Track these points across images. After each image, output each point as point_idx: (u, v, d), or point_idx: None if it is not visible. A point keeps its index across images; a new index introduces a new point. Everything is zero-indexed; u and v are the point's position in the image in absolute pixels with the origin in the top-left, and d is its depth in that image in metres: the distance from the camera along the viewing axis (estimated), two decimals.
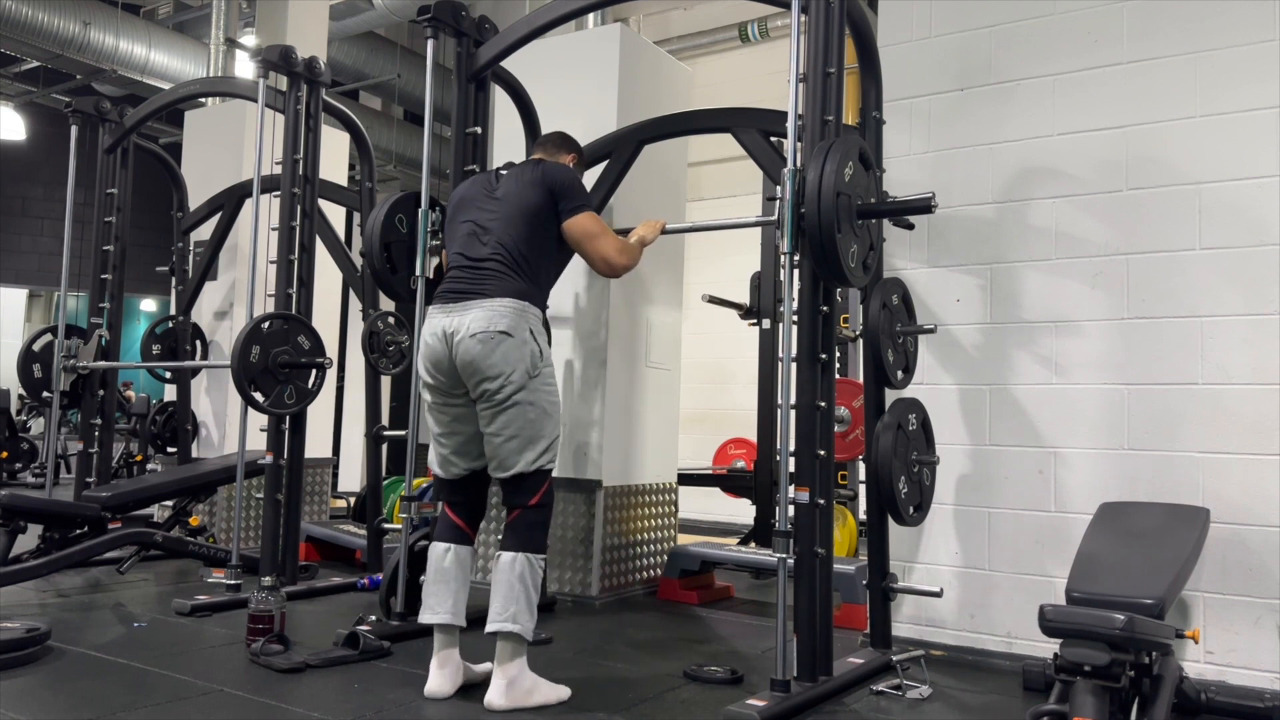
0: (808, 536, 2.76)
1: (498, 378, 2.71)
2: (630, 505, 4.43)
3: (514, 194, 2.90)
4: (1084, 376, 3.23)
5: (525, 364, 2.73)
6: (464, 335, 2.72)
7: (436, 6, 3.53)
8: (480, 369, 2.72)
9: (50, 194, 15.50)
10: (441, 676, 2.75)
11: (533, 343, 2.76)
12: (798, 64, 2.81)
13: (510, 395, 2.72)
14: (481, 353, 2.70)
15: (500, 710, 2.62)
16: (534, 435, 2.77)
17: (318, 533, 5.13)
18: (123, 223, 5.23)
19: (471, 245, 2.88)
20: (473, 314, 2.73)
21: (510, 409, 2.73)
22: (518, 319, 2.74)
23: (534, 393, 2.75)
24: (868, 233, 2.84)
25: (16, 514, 4.10)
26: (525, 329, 2.75)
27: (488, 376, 2.72)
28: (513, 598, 2.67)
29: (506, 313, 2.73)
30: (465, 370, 2.75)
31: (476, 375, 2.74)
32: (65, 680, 2.85)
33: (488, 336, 2.70)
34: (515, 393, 2.72)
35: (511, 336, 2.71)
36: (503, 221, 2.87)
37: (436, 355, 2.80)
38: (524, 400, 2.73)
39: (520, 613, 2.67)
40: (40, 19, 7.77)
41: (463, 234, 2.93)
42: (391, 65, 9.37)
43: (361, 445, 6.94)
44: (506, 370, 2.71)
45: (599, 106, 4.36)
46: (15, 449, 9.05)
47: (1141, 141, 3.19)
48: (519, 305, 2.76)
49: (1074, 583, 2.47)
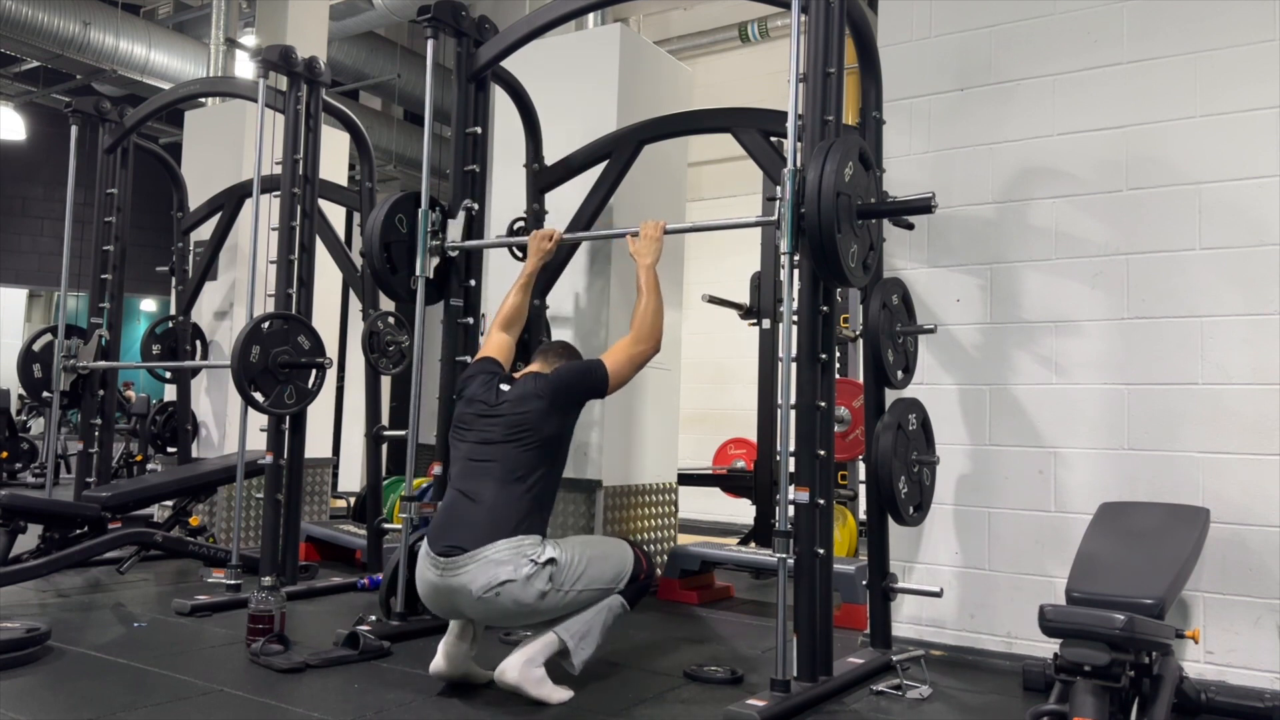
0: (808, 536, 2.76)
1: (528, 614, 2.70)
2: (630, 505, 4.43)
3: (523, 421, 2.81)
4: (1084, 376, 3.23)
5: (539, 590, 2.66)
6: (469, 599, 2.66)
7: (436, 6, 3.52)
8: (501, 617, 2.73)
9: (50, 194, 15.49)
10: (449, 658, 2.79)
11: (537, 571, 2.65)
12: (798, 64, 2.81)
13: (551, 609, 2.71)
14: (496, 611, 2.68)
15: (509, 682, 2.66)
16: (599, 589, 2.77)
17: (318, 533, 5.13)
18: (123, 223, 5.23)
19: (467, 474, 2.82)
20: (469, 573, 2.65)
21: (565, 609, 2.73)
22: (514, 560, 2.64)
23: (563, 586, 2.69)
24: (868, 233, 2.84)
25: (16, 514, 4.10)
26: (525, 566, 2.64)
27: (518, 616, 2.72)
28: (590, 624, 2.74)
29: (503, 559, 2.64)
30: (484, 618, 2.76)
31: (502, 619, 2.78)
32: (65, 680, 2.85)
33: (493, 594, 2.63)
34: (550, 607, 2.70)
35: (514, 581, 2.63)
36: (505, 447, 2.80)
37: (440, 605, 2.77)
38: (562, 601, 2.71)
39: (588, 640, 2.74)
40: (40, 19, 7.77)
41: (461, 461, 2.88)
42: (391, 65, 9.36)
43: (361, 445, 6.94)
44: (527, 608, 2.67)
45: (599, 106, 4.36)
46: (15, 449, 9.05)
47: (1141, 141, 3.19)
48: (512, 544, 2.66)
49: (1074, 583, 2.47)
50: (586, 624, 2.75)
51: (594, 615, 2.76)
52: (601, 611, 2.77)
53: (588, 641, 2.75)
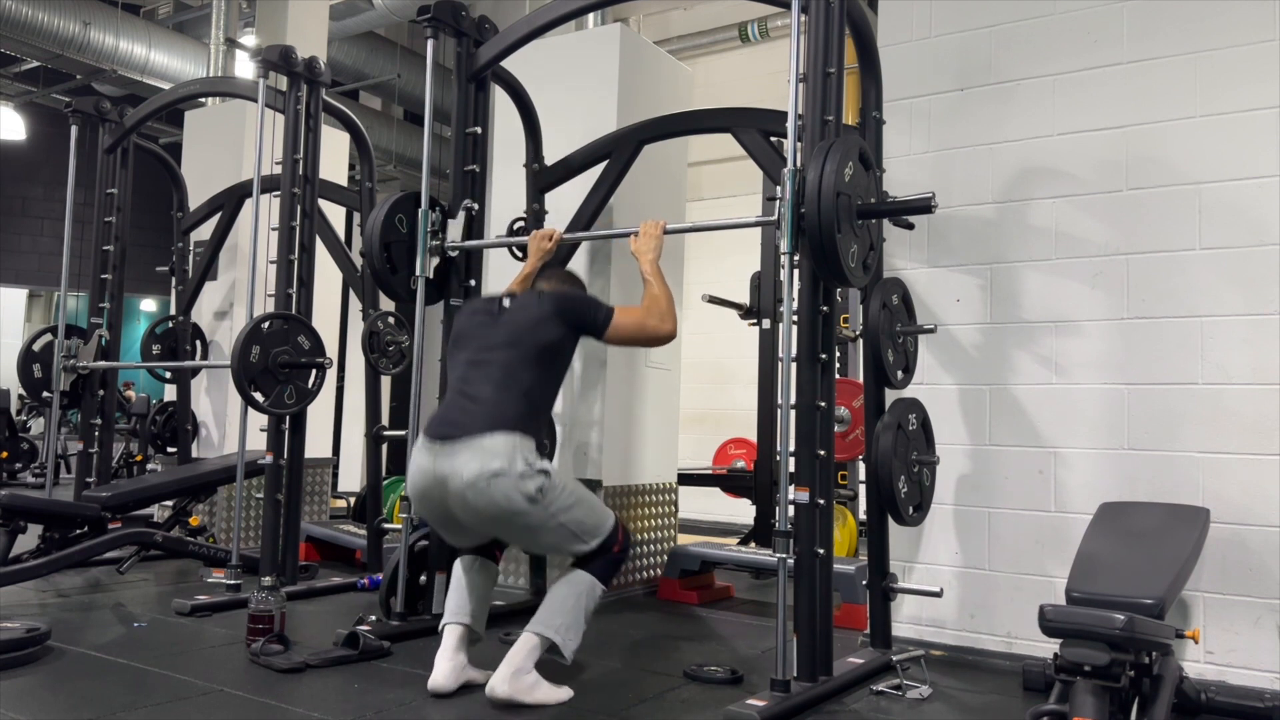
0: (808, 536, 2.76)
1: (505, 513, 2.64)
2: (630, 505, 4.43)
3: (523, 327, 2.83)
4: (1084, 376, 3.23)
5: (528, 494, 2.62)
6: (458, 484, 2.62)
7: (436, 6, 3.52)
8: (483, 512, 2.65)
9: (50, 194, 15.50)
10: (445, 671, 2.76)
11: (531, 473, 2.63)
12: (798, 64, 2.81)
13: (526, 524, 2.67)
14: (481, 500, 2.62)
15: (500, 698, 2.62)
16: (574, 532, 2.74)
17: (318, 533, 5.13)
18: (123, 223, 5.23)
19: (467, 377, 2.82)
20: (462, 457, 2.62)
21: (534, 532, 2.71)
22: (510, 455, 2.62)
23: (549, 507, 2.67)
24: (868, 233, 2.84)
25: (16, 514, 4.10)
26: (520, 462, 2.62)
27: (495, 515, 2.66)
28: (566, 610, 2.70)
29: (498, 450, 2.62)
30: (466, 514, 2.69)
31: (481, 517, 2.69)
32: (65, 680, 2.85)
33: (484, 483, 2.60)
34: (529, 519, 2.66)
35: (506, 475, 2.60)
36: (506, 351, 2.81)
37: (427, 496, 2.73)
38: (544, 524, 2.68)
39: (567, 627, 2.70)
40: (40, 19, 7.77)
41: (460, 366, 2.87)
42: (391, 65, 9.36)
43: (361, 445, 6.94)
44: (511, 506, 2.62)
45: (599, 106, 4.36)
46: (15, 449, 9.06)
47: (1141, 141, 3.19)
48: (510, 438, 2.64)
49: (1074, 583, 2.47)
50: (570, 614, 2.71)
51: (575, 604, 2.72)
52: (580, 598, 2.73)
53: (573, 631, 2.71)
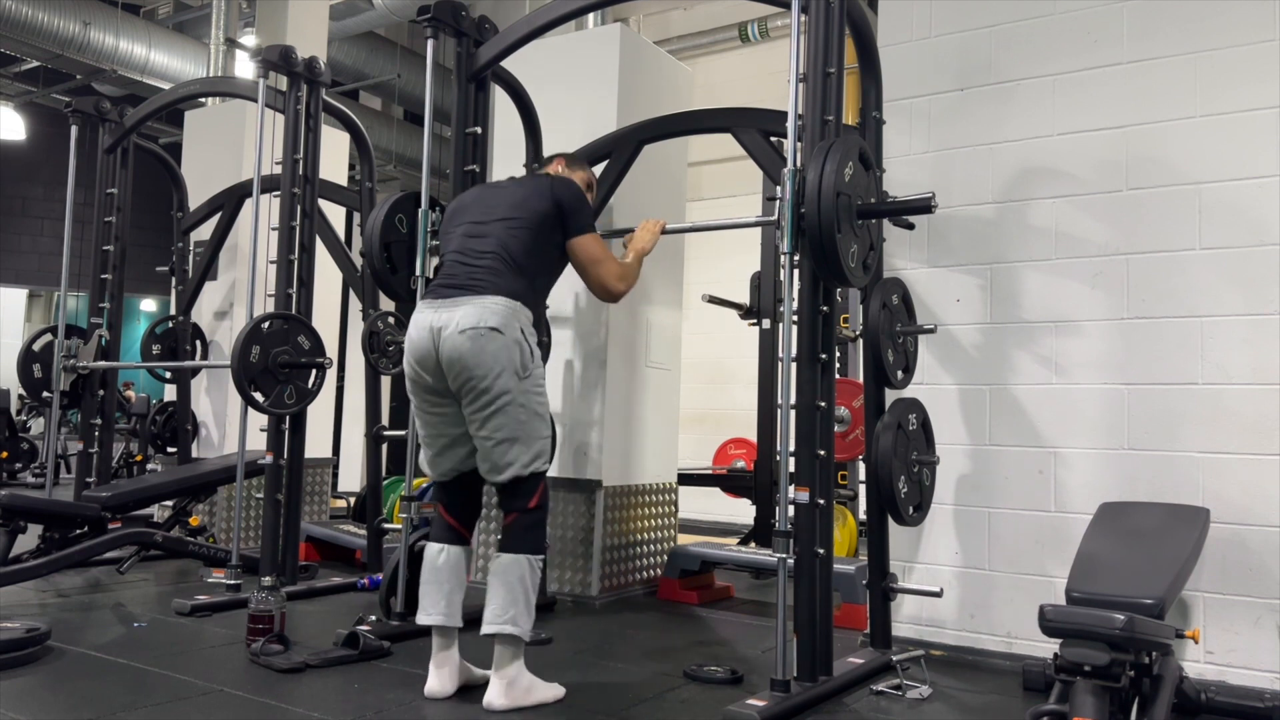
0: (808, 536, 2.76)
1: (485, 376, 2.64)
2: (630, 505, 4.43)
3: (520, 198, 2.88)
4: (1084, 376, 3.23)
5: (515, 363, 2.65)
6: (452, 330, 2.64)
7: (436, 6, 3.52)
8: (468, 366, 2.64)
9: (50, 194, 15.50)
10: (440, 676, 2.74)
11: (524, 341, 2.69)
12: (798, 64, 2.81)
13: (499, 395, 2.65)
14: (470, 350, 2.63)
15: (500, 710, 2.61)
16: (525, 436, 2.71)
17: (318, 533, 5.13)
18: (123, 223, 5.23)
19: (468, 241, 2.85)
20: (463, 310, 2.66)
21: (499, 410, 2.67)
22: (509, 316, 2.67)
23: (524, 394, 2.69)
24: (868, 233, 2.84)
25: (16, 514, 4.10)
26: (516, 327, 2.68)
27: (475, 375, 2.64)
28: (511, 600, 2.65)
29: (498, 309, 2.67)
30: (452, 368, 2.67)
31: (464, 373, 2.66)
32: (65, 680, 2.85)
33: (477, 333, 2.62)
34: (504, 393, 2.65)
35: (502, 334, 2.64)
36: (503, 222, 2.84)
37: (422, 351, 2.72)
38: (513, 401, 2.67)
39: (519, 615, 2.65)
40: (40, 19, 7.77)
41: (460, 233, 2.90)
42: (391, 65, 9.37)
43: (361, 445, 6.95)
44: (495, 369, 2.63)
45: (599, 106, 4.36)
46: (15, 449, 9.05)
47: (1141, 141, 3.19)
48: (511, 304, 2.70)
49: (1074, 583, 2.47)
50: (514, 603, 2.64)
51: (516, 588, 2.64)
52: (522, 580, 2.66)
53: (522, 614, 2.64)
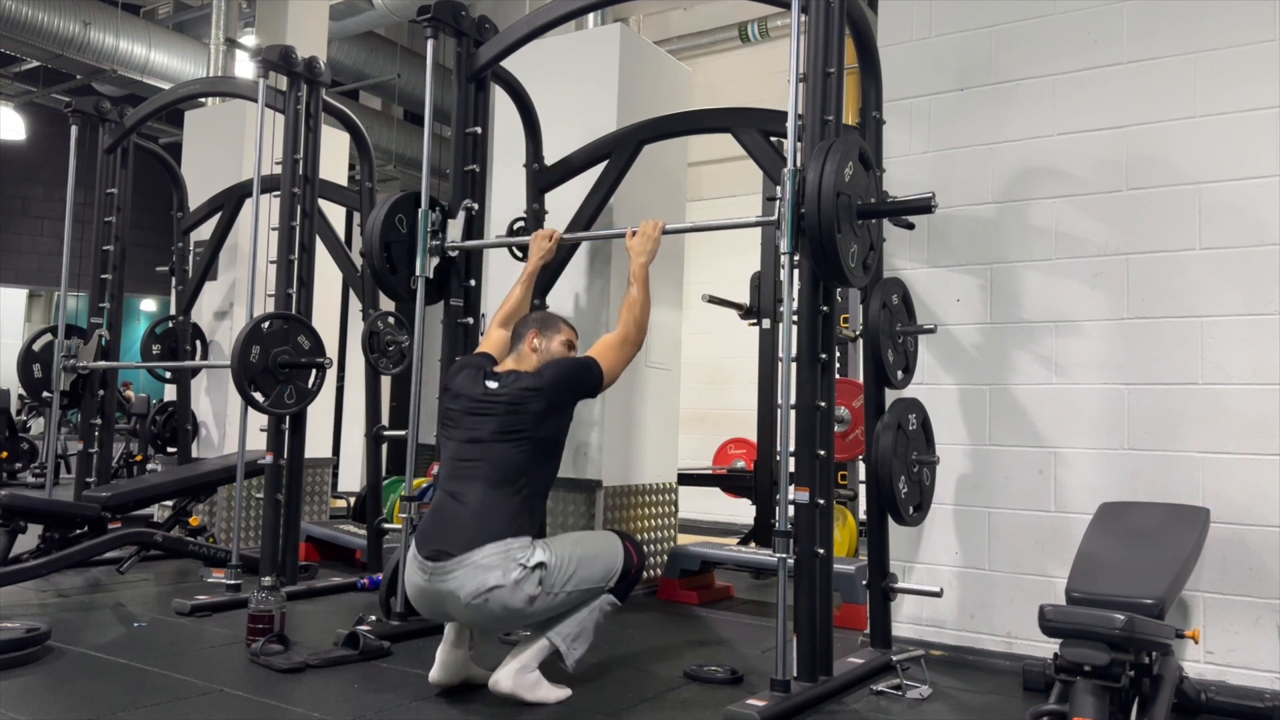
0: (808, 536, 2.76)
1: (517, 618, 2.69)
2: (630, 505, 4.43)
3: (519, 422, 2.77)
4: (1084, 376, 3.23)
5: (528, 595, 2.63)
6: (458, 604, 2.65)
7: (436, 6, 3.52)
8: (491, 620, 2.72)
9: (50, 194, 15.50)
10: (446, 666, 2.77)
11: (526, 576, 2.62)
12: (798, 64, 2.81)
13: (541, 613, 2.70)
14: (485, 613, 2.65)
15: (503, 692, 2.65)
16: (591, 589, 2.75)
17: (318, 533, 5.13)
18: (123, 223, 5.23)
19: (457, 475, 2.78)
20: (456, 579, 2.62)
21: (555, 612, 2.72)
22: (504, 564, 2.61)
23: (553, 589, 2.67)
24: (868, 233, 2.84)
25: (16, 514, 4.10)
26: (514, 569, 2.61)
27: (505, 621, 2.74)
28: (578, 621, 2.74)
29: (490, 563, 2.61)
30: (475, 622, 2.76)
31: (492, 623, 2.80)
32: (65, 680, 2.85)
33: (481, 600, 2.61)
34: (541, 610, 2.68)
35: (502, 586, 2.60)
36: (497, 445, 2.76)
37: (430, 609, 2.76)
38: (554, 604, 2.69)
39: (580, 640, 2.75)
40: (40, 19, 7.77)
41: (449, 462, 2.84)
42: (391, 65, 9.36)
43: (361, 445, 6.94)
44: (514, 612, 2.65)
45: (599, 107, 4.36)
46: (15, 449, 9.05)
47: (1141, 141, 3.18)
48: (501, 548, 2.62)
49: (1074, 583, 2.47)
50: (578, 625, 2.74)
51: (585, 615, 2.76)
52: (593, 611, 2.77)
53: (580, 642, 2.75)
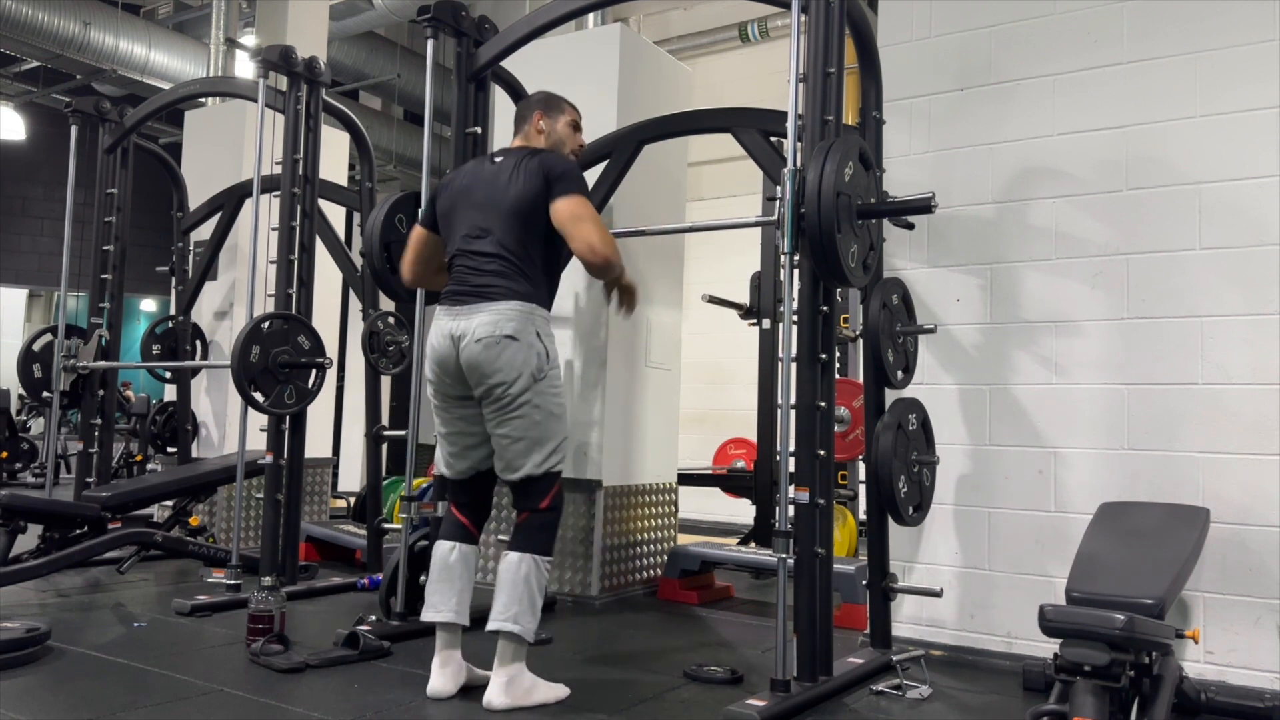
0: (808, 536, 2.76)
1: (503, 382, 2.71)
2: (630, 505, 4.43)
3: (513, 191, 2.84)
4: (1084, 376, 3.23)
5: (531, 367, 2.72)
6: (470, 340, 2.72)
7: (436, 6, 3.52)
8: (486, 372, 2.72)
9: (50, 194, 15.51)
10: (443, 676, 2.74)
11: (539, 345, 2.75)
12: (798, 64, 2.81)
13: (516, 398, 2.72)
14: (488, 357, 2.71)
15: (499, 709, 2.61)
16: (541, 437, 2.76)
17: (318, 533, 5.13)
18: (123, 223, 5.23)
19: (471, 244, 2.86)
20: (479, 318, 2.73)
21: (517, 412, 2.73)
22: (524, 322, 2.74)
23: (540, 395, 2.75)
24: (868, 233, 2.84)
25: (16, 514, 4.10)
26: (531, 331, 2.74)
27: (494, 381, 2.72)
28: (515, 598, 2.67)
29: (513, 316, 2.73)
30: (471, 373, 2.76)
31: (483, 379, 2.74)
32: (65, 680, 2.85)
33: (493, 341, 2.70)
34: (521, 395, 2.72)
35: (517, 340, 2.71)
36: (502, 219, 2.84)
37: (442, 357, 2.81)
38: (530, 403, 2.73)
39: (522, 614, 2.67)
40: (40, 19, 7.77)
41: (463, 229, 2.90)
42: (391, 65, 9.37)
43: (361, 445, 6.95)
44: (512, 374, 2.71)
45: (599, 107, 4.36)
46: (15, 449, 9.05)
47: (1141, 141, 3.19)
48: (525, 308, 2.75)
49: (1074, 583, 2.47)
50: (518, 601, 2.66)
51: (522, 588, 2.67)
52: (528, 579, 2.68)
53: (527, 614, 2.66)
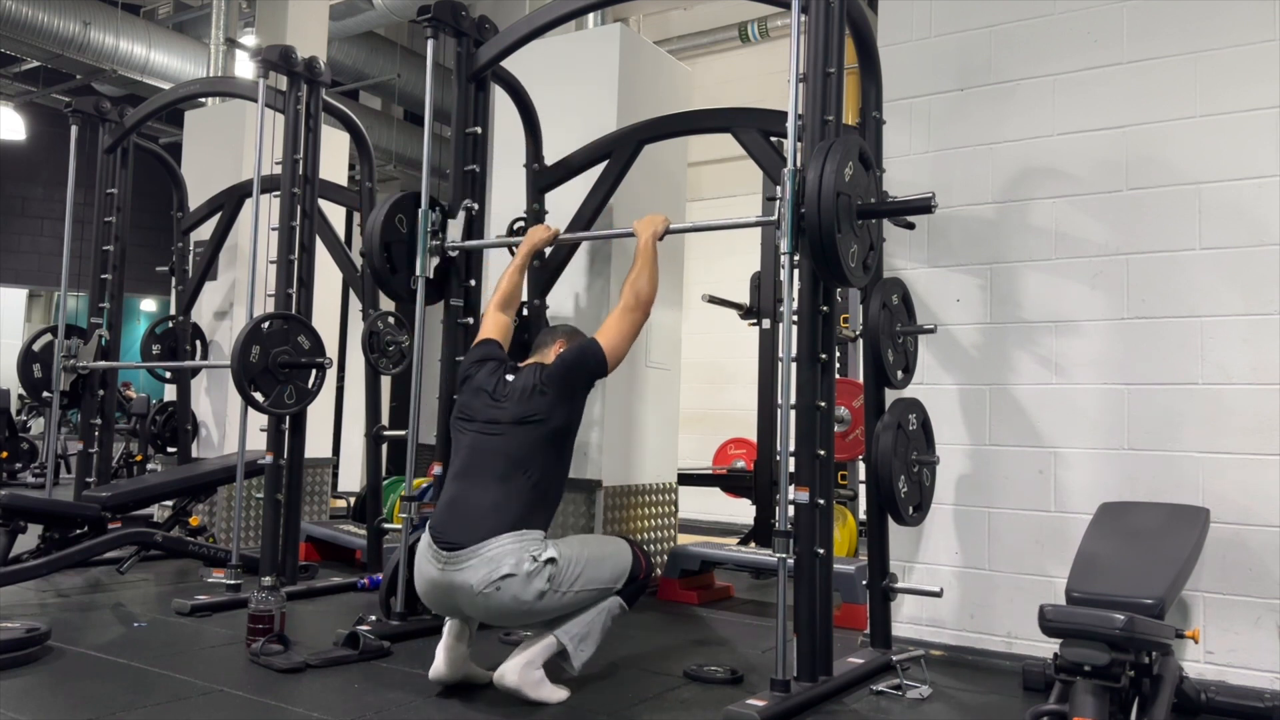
0: (808, 536, 2.76)
1: (523, 614, 2.68)
2: (630, 505, 4.43)
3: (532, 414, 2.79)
4: (1084, 376, 3.23)
5: (539, 590, 2.63)
6: (468, 594, 2.64)
7: (436, 6, 3.52)
8: (498, 614, 2.70)
9: (50, 194, 15.48)
10: (447, 662, 2.77)
11: (537, 569, 2.63)
12: (798, 64, 2.81)
13: (547, 612, 2.69)
14: (491, 604, 2.64)
15: (509, 685, 2.65)
16: (598, 590, 2.75)
17: (318, 533, 5.13)
18: (123, 223, 5.23)
19: (470, 466, 2.80)
20: (468, 568, 2.63)
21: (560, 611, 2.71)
22: (516, 555, 2.62)
23: (561, 587, 2.67)
24: (868, 233, 2.84)
25: (16, 514, 4.10)
26: (526, 562, 2.62)
27: (512, 616, 2.71)
28: (586, 623, 2.74)
29: (504, 555, 2.62)
30: (481, 615, 2.73)
31: (499, 618, 2.76)
32: (65, 680, 2.85)
33: (492, 589, 2.61)
34: (548, 608, 2.68)
35: (514, 578, 2.61)
36: (511, 437, 2.78)
37: (438, 602, 2.76)
38: (561, 603, 2.69)
39: (587, 642, 2.74)
40: (40, 19, 7.76)
41: (463, 453, 2.86)
42: (391, 65, 9.36)
43: (361, 445, 6.94)
44: (523, 607, 2.65)
45: (599, 107, 4.36)
46: (15, 449, 9.04)
47: (1141, 141, 3.19)
48: (515, 540, 2.64)
49: (1074, 583, 2.47)
50: (586, 626, 2.75)
51: (593, 617, 2.76)
52: (601, 613, 2.78)
53: (587, 643, 2.75)
